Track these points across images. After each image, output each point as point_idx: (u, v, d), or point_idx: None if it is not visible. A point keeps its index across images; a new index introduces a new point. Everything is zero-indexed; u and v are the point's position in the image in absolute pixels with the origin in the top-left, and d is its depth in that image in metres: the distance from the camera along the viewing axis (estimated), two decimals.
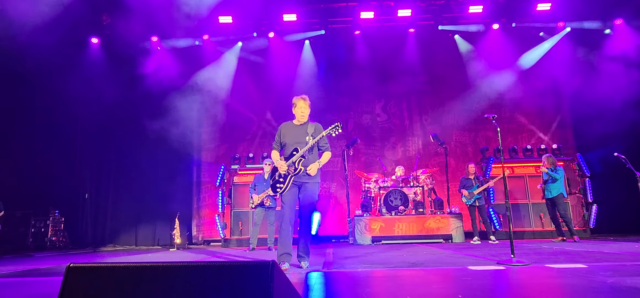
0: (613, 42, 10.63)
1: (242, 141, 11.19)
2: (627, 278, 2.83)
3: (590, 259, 4.13)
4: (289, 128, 4.37)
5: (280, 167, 4.19)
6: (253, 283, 1.40)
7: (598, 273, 3.13)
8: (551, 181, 7.62)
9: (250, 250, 7.17)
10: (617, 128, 9.26)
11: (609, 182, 9.26)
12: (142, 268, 1.44)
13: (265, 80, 11.21)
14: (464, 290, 2.67)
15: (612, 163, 7.56)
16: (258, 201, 7.17)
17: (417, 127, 11.33)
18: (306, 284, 3.23)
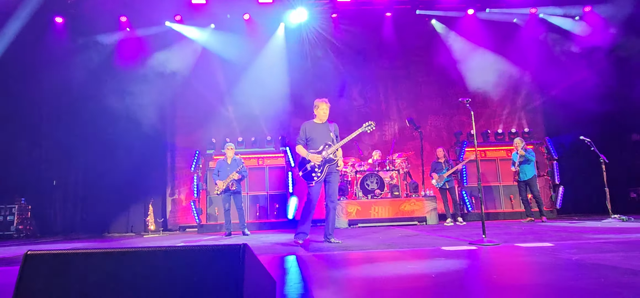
0: (582, 29, 10.94)
1: (218, 125, 10.97)
2: (590, 254, 2.95)
3: (557, 238, 4.29)
4: (313, 126, 4.99)
5: (315, 159, 4.76)
6: (224, 266, 1.37)
7: (564, 251, 3.25)
8: (526, 162, 7.82)
9: (226, 235, 7.11)
10: (584, 113, 9.61)
11: (575, 164, 9.63)
12: (106, 254, 1.38)
13: (240, 64, 10.98)
14: (437, 270, 2.72)
15: (578, 146, 7.85)
16: (223, 186, 7.07)
17: (393, 112, 11.41)
18: (283, 267, 3.22)
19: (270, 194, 9.27)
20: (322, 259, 3.56)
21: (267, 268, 3.19)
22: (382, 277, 2.53)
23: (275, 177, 9.38)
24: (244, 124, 10.89)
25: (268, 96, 10.81)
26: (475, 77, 11.05)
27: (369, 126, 4.96)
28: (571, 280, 2.17)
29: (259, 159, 9.43)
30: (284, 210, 9.11)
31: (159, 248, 1.39)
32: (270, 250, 4.44)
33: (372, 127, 4.98)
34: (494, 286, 2.14)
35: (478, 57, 11.15)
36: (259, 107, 10.88)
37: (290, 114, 11.23)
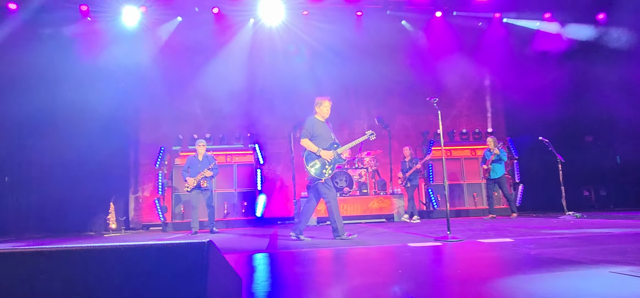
0: (543, 33, 11.47)
1: (185, 121, 10.68)
2: (547, 249, 3.09)
3: (517, 234, 4.47)
4: (318, 123, 5.01)
5: (328, 156, 4.83)
6: (187, 265, 1.32)
7: (523, 246, 3.38)
8: (497, 161, 8.10)
9: (192, 233, 6.94)
10: (544, 114, 10.07)
11: (534, 163, 10.07)
12: (58, 253, 1.29)
13: (209, 58, 10.72)
14: (404, 265, 2.76)
15: (537, 146, 8.21)
16: (194, 184, 6.90)
17: (362, 110, 11.52)
18: (251, 264, 3.16)
19: (238, 192, 9.14)
20: (291, 256, 3.54)
21: (235, 265, 3.13)
22: (349, 274, 2.53)
23: (244, 174, 9.25)
24: (211, 121, 10.66)
25: (237, 93, 10.64)
26: (442, 78, 11.34)
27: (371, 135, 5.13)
28: (530, 273, 2.26)
29: (227, 156, 9.27)
30: (253, 208, 9.01)
31: (115, 246, 1.32)
32: (239, 248, 4.37)
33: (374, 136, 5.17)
34: (458, 280, 2.19)
35: (445, 58, 11.44)
36: (228, 104, 10.69)
37: (260, 111, 11.11)
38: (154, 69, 10.24)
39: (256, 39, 10.87)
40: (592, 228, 4.77)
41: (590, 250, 2.95)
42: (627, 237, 3.64)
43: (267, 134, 11.05)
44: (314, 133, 4.91)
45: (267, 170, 10.72)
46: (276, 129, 11.12)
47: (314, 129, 4.91)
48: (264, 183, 9.47)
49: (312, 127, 4.92)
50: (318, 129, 4.93)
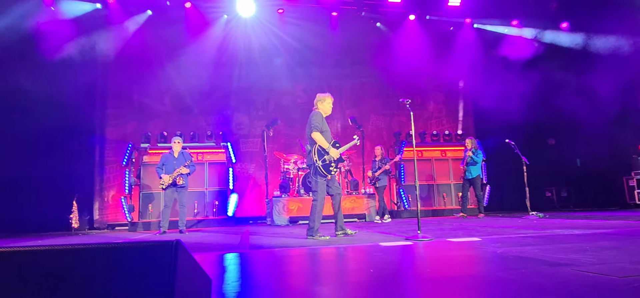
0: (511, 40, 11.89)
1: (154, 118, 10.39)
2: (512, 248, 3.19)
3: (484, 233, 4.60)
4: (323, 119, 4.98)
5: (335, 154, 4.80)
6: (154, 265, 1.26)
7: (490, 245, 3.48)
8: (472, 163, 8.32)
9: (161, 233, 6.74)
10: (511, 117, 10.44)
11: (500, 165, 10.41)
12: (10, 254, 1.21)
13: (180, 54, 10.47)
14: (375, 265, 2.77)
15: (504, 148, 8.50)
16: (170, 181, 6.73)
17: (336, 110, 11.52)
18: (221, 265, 3.10)
19: (209, 191, 8.96)
20: (263, 256, 3.49)
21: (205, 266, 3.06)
22: (322, 273, 2.53)
23: (216, 173, 9.08)
24: (182, 118, 10.42)
25: (209, 90, 10.45)
26: (415, 80, 11.55)
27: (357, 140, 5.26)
28: (496, 271, 2.32)
29: (198, 154, 9.06)
30: (224, 207, 8.86)
31: (76, 246, 1.25)
32: (210, 247, 4.28)
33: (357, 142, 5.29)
34: (427, 279, 2.22)
35: (418, 61, 11.66)
36: (199, 101, 10.48)
37: (233, 109, 10.96)
38: (120, 63, 9.90)
39: (230, 36, 10.72)
40: (553, 228, 4.97)
41: (553, 248, 3.07)
42: (586, 237, 3.82)
43: (240, 132, 10.91)
44: (322, 128, 4.87)
45: (240, 169, 10.59)
46: (250, 127, 11.00)
47: (322, 123, 4.88)
48: (236, 182, 9.34)
49: (321, 121, 4.88)
50: (324, 125, 4.92)
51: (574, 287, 1.78)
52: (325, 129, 4.88)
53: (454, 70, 11.83)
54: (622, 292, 1.66)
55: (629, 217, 6.43)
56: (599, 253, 2.72)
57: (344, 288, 2.05)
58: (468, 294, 1.79)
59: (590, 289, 1.73)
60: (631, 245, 3.05)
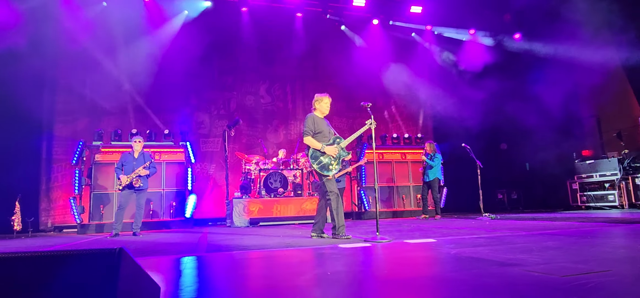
0: (468, 48, 12.38)
1: (108, 115, 9.91)
2: (465, 249, 3.31)
3: (440, 234, 4.74)
4: (319, 120, 4.95)
5: (333, 151, 4.79)
6: (94, 275, 1.18)
7: (444, 246, 3.59)
8: (428, 167, 8.54)
9: (112, 235, 6.42)
10: (467, 123, 10.87)
11: (457, 168, 10.81)
12: None
13: (138, 49, 10.03)
14: (332, 267, 2.78)
15: (460, 152, 8.82)
16: (127, 182, 6.43)
17: (299, 111, 11.55)
18: (176, 269, 2.99)
19: (166, 192, 8.66)
20: (220, 259, 3.41)
21: (159, 270, 2.94)
22: (279, 276, 2.49)
23: (173, 173, 8.79)
24: (139, 115, 10.01)
25: (168, 87, 10.11)
26: (378, 83, 11.75)
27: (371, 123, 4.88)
28: (450, 271, 2.39)
29: (155, 154, 8.72)
30: (182, 209, 8.59)
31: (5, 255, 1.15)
32: (164, 251, 4.12)
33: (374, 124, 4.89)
34: (382, 281, 2.25)
35: (381, 64, 11.88)
36: (158, 98, 10.11)
37: (193, 108, 10.66)
38: (72, 56, 9.36)
39: (190, 32, 10.39)
40: (504, 229, 5.21)
41: (502, 249, 3.21)
42: (533, 237, 4.03)
43: (200, 132, 10.64)
44: (316, 130, 4.86)
45: (199, 169, 10.32)
46: (211, 126, 10.75)
47: (315, 125, 4.87)
48: (195, 182, 9.07)
49: (313, 124, 4.87)
50: (319, 126, 4.89)
51: (520, 287, 1.87)
52: (321, 129, 4.86)
53: (415, 74, 12.16)
54: (562, 290, 1.75)
55: (571, 218, 6.86)
56: (544, 253, 2.87)
57: (301, 292, 2.04)
58: (420, 295, 1.82)
59: (534, 288, 1.81)
60: (572, 245, 3.25)
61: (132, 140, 6.77)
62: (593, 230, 4.58)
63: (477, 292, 1.82)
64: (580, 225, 5.33)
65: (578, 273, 2.10)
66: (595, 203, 10.10)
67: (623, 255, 2.69)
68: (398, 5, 11.84)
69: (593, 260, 2.49)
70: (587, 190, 10.36)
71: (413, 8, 11.73)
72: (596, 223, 5.55)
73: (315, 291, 2.04)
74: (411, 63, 12.18)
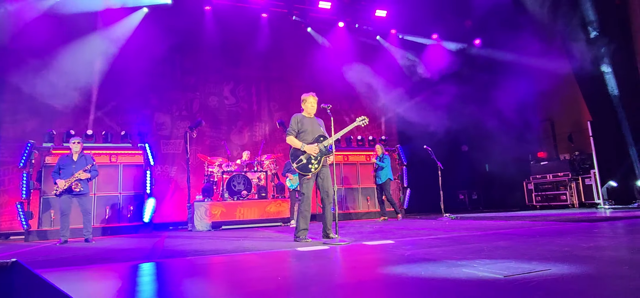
0: (431, 52, 12.68)
1: (61, 115, 9.39)
2: (421, 250, 3.34)
3: (399, 236, 4.79)
4: (304, 119, 4.91)
5: (313, 150, 4.69)
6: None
7: (402, 247, 3.62)
8: (379, 169, 8.60)
9: (61, 243, 6.07)
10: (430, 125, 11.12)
11: (420, 170, 11.04)
12: None
13: (93, 46, 9.58)
14: (288, 271, 2.73)
15: (423, 154, 9.00)
16: (65, 186, 6.06)
17: (264, 113, 11.42)
18: (134, 275, 2.85)
19: (123, 195, 8.30)
20: (176, 265, 3.28)
21: (109, 278, 2.78)
22: (237, 282, 2.42)
23: (131, 176, 8.44)
24: (94, 115, 9.57)
25: (127, 86, 9.72)
26: (343, 86, 11.81)
27: (362, 120, 4.92)
28: (400, 274, 2.40)
29: (111, 156, 8.36)
30: (140, 213, 8.26)
31: None
32: (119, 257, 3.93)
33: (366, 121, 4.93)
34: (337, 284, 2.22)
35: (346, 67, 11.95)
36: (115, 98, 9.70)
37: (153, 108, 10.31)
38: (21, 53, 8.82)
39: (151, 30, 10.05)
40: (461, 229, 5.34)
41: (456, 249, 3.27)
42: (487, 237, 4.14)
43: (160, 133, 10.30)
44: (299, 129, 4.84)
45: (160, 171, 9.98)
46: (172, 128, 10.43)
47: (299, 125, 4.86)
48: (155, 186, 8.76)
49: (296, 123, 4.87)
50: (303, 125, 4.86)
51: (465, 287, 1.89)
52: (305, 129, 4.83)
53: (380, 77, 12.32)
54: (504, 289, 1.78)
55: (525, 217, 7.14)
56: (493, 253, 2.95)
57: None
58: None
59: (475, 289, 1.84)
60: (521, 245, 3.36)
61: (70, 142, 6.38)
62: (543, 229, 4.77)
63: (423, 294, 1.82)
64: (532, 224, 5.55)
65: (521, 273, 2.16)
66: (549, 202, 10.59)
67: (566, 253, 2.79)
68: (363, 8, 11.97)
69: (537, 259, 2.57)
70: (541, 190, 10.85)
71: (378, 12, 11.89)
72: (547, 222, 5.79)
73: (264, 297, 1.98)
74: (376, 66, 12.33)
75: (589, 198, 9.80)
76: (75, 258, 4.12)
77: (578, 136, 11.14)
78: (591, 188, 9.74)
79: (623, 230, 4.29)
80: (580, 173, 10.10)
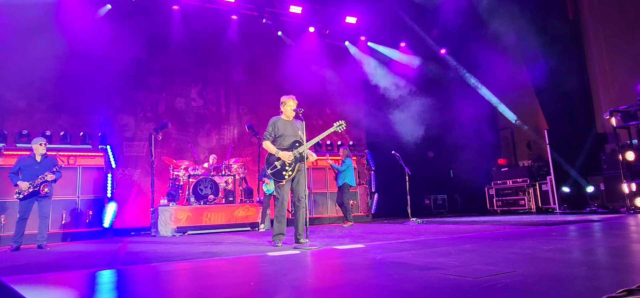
0: (399, 60, 12.96)
1: (14, 113, 8.86)
2: (390, 254, 3.38)
3: (368, 240, 4.83)
4: (282, 123, 4.78)
5: (287, 157, 4.57)
6: None
7: (372, 251, 3.65)
8: (338, 173, 8.59)
9: (13, 249, 5.70)
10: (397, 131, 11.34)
11: (387, 175, 11.21)
12: None
13: (52, 42, 9.07)
14: (258, 276, 2.68)
15: (390, 159, 9.14)
16: (30, 189, 5.73)
17: (233, 116, 11.25)
18: (92, 284, 2.70)
19: (82, 199, 7.89)
20: (138, 272, 3.14)
21: (70, 287, 2.62)
22: (204, 289, 2.34)
23: (91, 179, 8.04)
24: (51, 115, 9.09)
25: (87, 85, 9.29)
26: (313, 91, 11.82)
27: (340, 126, 4.87)
28: (374, 277, 2.41)
29: (69, 157, 7.93)
30: (100, 218, 7.88)
31: None
32: (75, 265, 3.72)
33: (343, 126, 4.88)
34: (309, 289, 2.20)
35: (316, 72, 12.00)
36: (74, 97, 9.25)
37: (116, 109, 9.90)
38: None
39: (114, 27, 9.63)
40: (428, 233, 5.46)
41: (425, 253, 3.33)
42: (453, 240, 4.26)
43: (124, 135, 9.90)
44: (277, 133, 4.72)
45: (122, 174, 9.59)
46: (136, 129, 10.05)
47: (276, 129, 4.74)
48: (116, 189, 8.40)
49: (273, 127, 4.75)
50: (281, 129, 4.73)
51: (436, 290, 1.92)
52: (283, 133, 4.70)
53: (348, 83, 12.45)
54: (473, 292, 1.83)
55: (487, 221, 7.41)
56: (461, 256, 3.03)
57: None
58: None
59: (448, 291, 1.87)
60: (486, 248, 3.47)
61: (34, 143, 6.06)
62: (505, 233, 4.97)
63: (396, 297, 1.84)
64: (495, 228, 5.76)
65: (489, 274, 2.22)
66: (509, 207, 11.05)
67: (528, 255, 2.91)
68: (334, 14, 12.07)
69: (503, 261, 2.66)
70: (502, 195, 11.30)
71: (348, 18, 12.03)
72: (508, 226, 6.03)
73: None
74: (345, 72, 12.46)
75: (545, 203, 10.31)
76: (30, 266, 3.87)
77: (536, 144, 11.72)
78: (547, 193, 10.25)
79: (577, 233, 4.54)
80: (538, 179, 10.61)
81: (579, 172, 9.78)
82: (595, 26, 10.70)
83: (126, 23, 9.75)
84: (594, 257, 2.81)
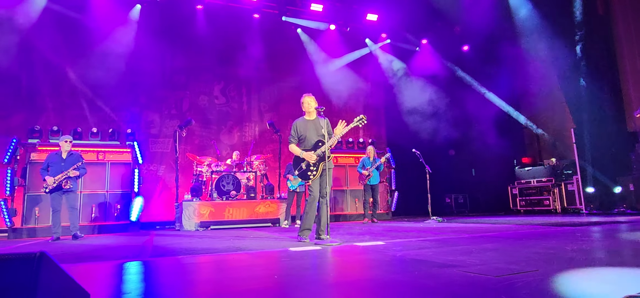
0: (420, 57, 12.86)
1: (47, 110, 9.26)
2: (411, 251, 3.42)
3: (389, 237, 4.86)
4: (304, 124, 4.85)
5: (310, 158, 4.67)
6: (11, 282, 1.10)
7: (392, 248, 3.69)
8: (377, 169, 8.74)
9: (54, 239, 6.01)
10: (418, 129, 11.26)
11: (408, 173, 11.16)
12: None
13: (84, 42, 9.44)
14: (281, 271, 2.76)
15: (411, 157, 9.11)
16: (54, 184, 6.03)
17: (255, 113, 11.41)
18: (122, 274, 2.84)
19: (111, 193, 8.20)
20: (165, 264, 3.28)
21: (96, 277, 2.78)
22: (228, 281, 2.44)
23: (119, 174, 8.34)
24: (82, 112, 9.44)
25: (116, 83, 9.61)
26: (333, 88, 11.88)
27: (360, 120, 4.84)
28: (394, 273, 2.46)
29: (99, 153, 8.26)
30: (127, 212, 8.17)
31: None
32: (106, 255, 3.90)
33: (364, 121, 4.85)
34: (330, 283, 2.27)
35: (337, 69, 12.04)
36: (104, 95, 9.59)
37: (142, 107, 10.21)
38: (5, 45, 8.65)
39: (143, 27, 9.97)
40: (449, 232, 5.44)
41: (445, 251, 3.35)
42: (474, 240, 4.24)
43: (149, 131, 10.20)
44: (300, 135, 4.81)
45: (147, 170, 9.89)
46: (161, 126, 10.34)
47: (298, 131, 4.82)
48: (143, 184, 8.68)
49: (296, 129, 4.83)
50: (303, 130, 4.81)
51: (456, 287, 1.95)
52: (304, 134, 4.78)
53: (369, 81, 12.44)
54: (495, 289, 1.85)
55: (511, 221, 7.30)
56: (482, 254, 3.03)
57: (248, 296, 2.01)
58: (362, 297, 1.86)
59: (469, 288, 1.91)
60: (508, 247, 3.46)
61: (61, 140, 6.36)
62: (528, 232, 4.91)
63: (416, 293, 1.88)
64: (517, 228, 5.69)
65: (509, 273, 2.24)
66: (533, 207, 10.82)
67: (551, 255, 2.90)
68: (355, 12, 12.06)
69: (524, 261, 2.66)
70: (525, 195, 11.08)
71: (369, 16, 12.00)
72: (531, 226, 5.94)
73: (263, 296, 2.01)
74: (366, 69, 12.45)
75: (571, 204, 10.05)
76: (65, 256, 4.08)
77: (562, 142, 11.43)
78: (573, 194, 9.99)
79: (603, 234, 4.45)
80: (563, 179, 10.35)
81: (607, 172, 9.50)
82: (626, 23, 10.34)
83: (152, 22, 10.05)
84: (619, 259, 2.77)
